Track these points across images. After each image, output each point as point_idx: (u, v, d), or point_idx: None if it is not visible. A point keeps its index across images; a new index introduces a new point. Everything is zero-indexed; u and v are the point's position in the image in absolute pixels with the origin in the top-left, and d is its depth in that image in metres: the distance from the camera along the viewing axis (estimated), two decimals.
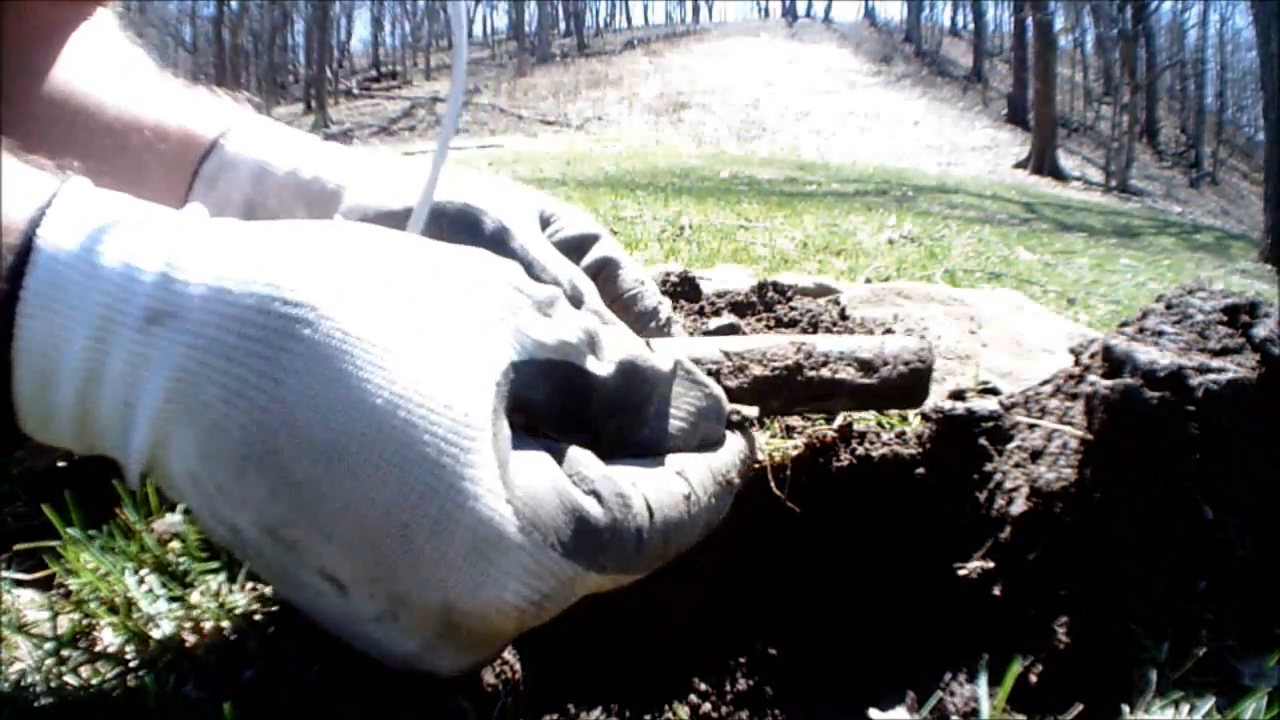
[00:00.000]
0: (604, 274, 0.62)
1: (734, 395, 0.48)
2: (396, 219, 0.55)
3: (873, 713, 0.42)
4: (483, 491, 0.34)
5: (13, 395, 0.34)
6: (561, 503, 0.36)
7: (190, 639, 0.44)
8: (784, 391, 0.49)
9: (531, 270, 0.56)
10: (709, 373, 0.49)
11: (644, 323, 0.62)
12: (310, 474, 0.33)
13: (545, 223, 0.62)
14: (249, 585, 0.47)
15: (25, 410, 0.34)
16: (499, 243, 0.56)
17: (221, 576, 0.48)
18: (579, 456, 0.38)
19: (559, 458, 0.37)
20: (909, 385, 0.51)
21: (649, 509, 0.39)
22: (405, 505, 0.33)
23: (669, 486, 0.40)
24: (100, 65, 0.63)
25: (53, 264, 0.33)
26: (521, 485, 0.35)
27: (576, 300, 0.56)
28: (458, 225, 0.56)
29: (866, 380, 0.50)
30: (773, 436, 0.61)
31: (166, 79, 0.64)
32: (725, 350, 0.50)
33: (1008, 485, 0.48)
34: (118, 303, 0.33)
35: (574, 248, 0.61)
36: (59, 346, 0.33)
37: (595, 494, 0.37)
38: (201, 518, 0.35)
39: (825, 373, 0.50)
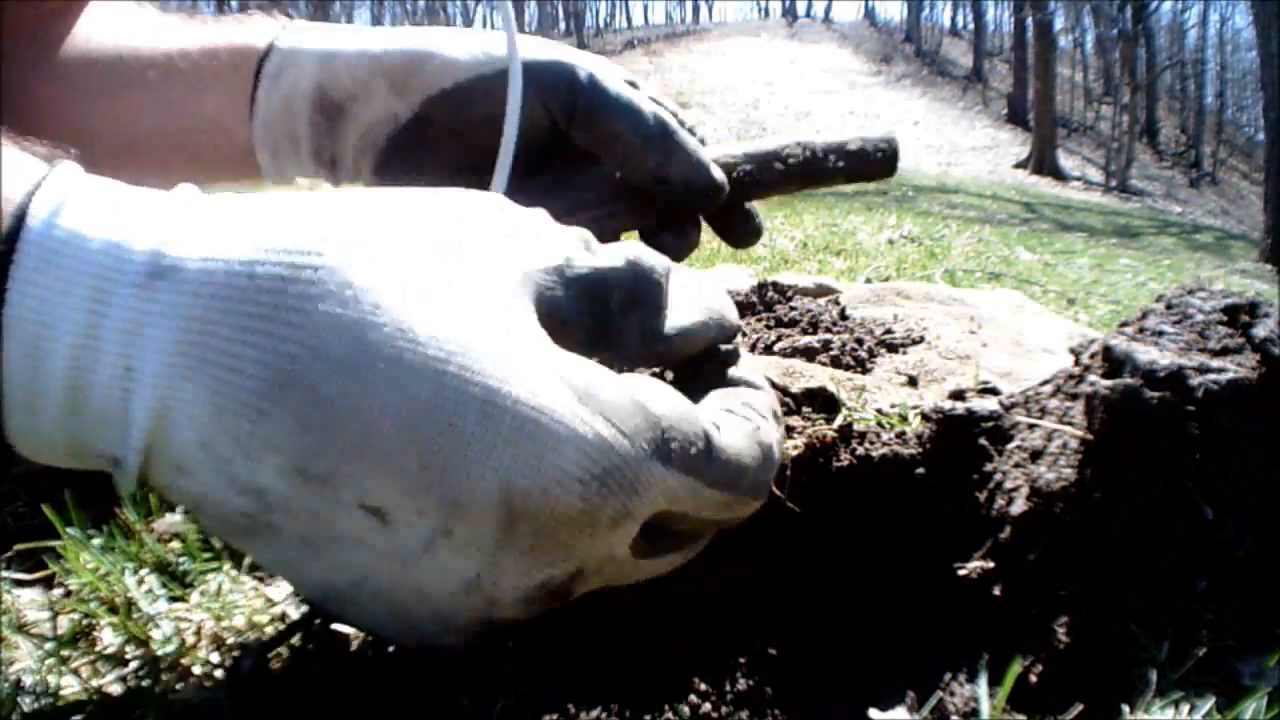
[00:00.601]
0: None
1: (760, 183, 0.69)
2: (487, 80, 0.55)
3: (873, 713, 0.42)
4: (530, 365, 0.32)
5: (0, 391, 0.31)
6: (619, 385, 0.34)
7: (190, 639, 0.44)
8: (796, 179, 0.71)
9: (632, 112, 0.58)
10: (734, 171, 0.66)
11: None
12: (341, 389, 0.31)
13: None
14: (249, 585, 0.47)
15: (13, 402, 0.31)
16: (594, 89, 0.57)
17: (221, 576, 0.48)
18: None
19: None
20: (886, 158, 0.72)
21: (715, 425, 0.37)
22: (447, 394, 0.31)
23: (730, 412, 0.40)
24: (123, 22, 0.61)
25: (44, 240, 0.31)
26: (571, 363, 0.34)
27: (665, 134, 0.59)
28: (558, 77, 0.56)
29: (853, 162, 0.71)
30: None
31: (195, 18, 0.63)
32: (747, 153, 0.70)
33: (1008, 485, 0.48)
34: (114, 267, 0.31)
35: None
36: (52, 313, 0.30)
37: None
38: (213, 504, 0.33)
39: (828, 163, 0.71)
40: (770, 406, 0.42)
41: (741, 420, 0.40)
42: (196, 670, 0.42)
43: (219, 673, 0.41)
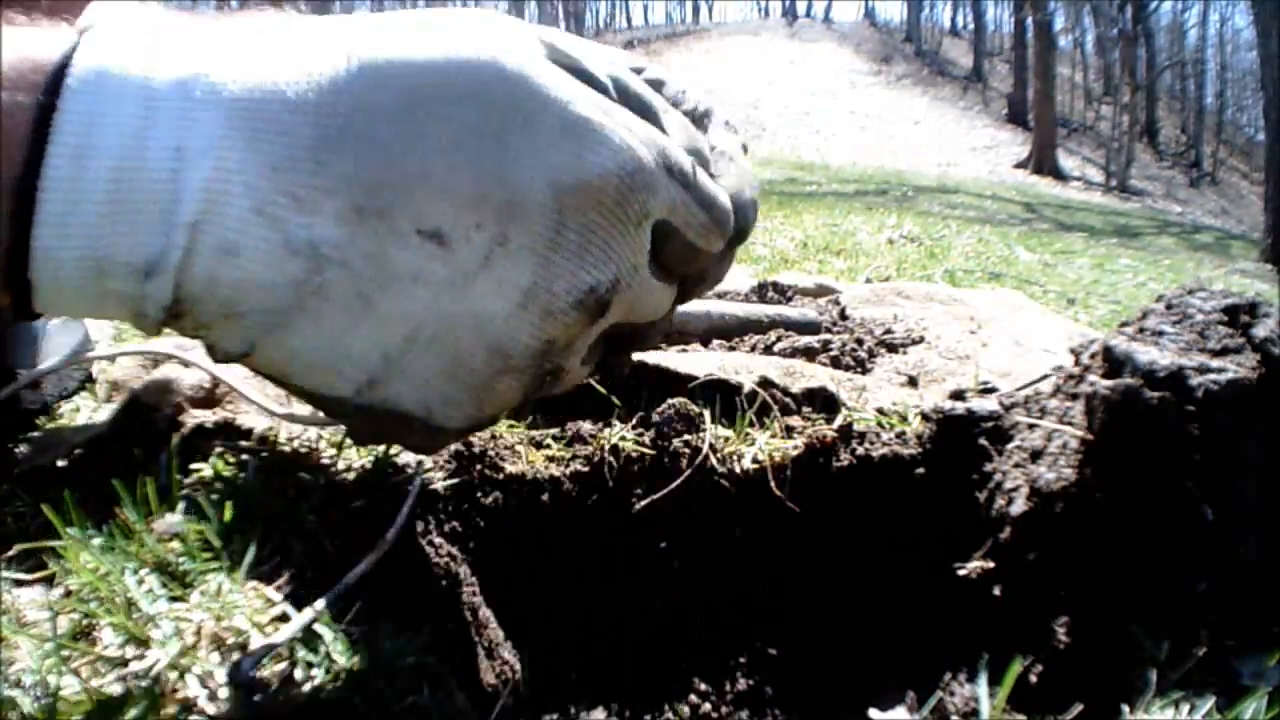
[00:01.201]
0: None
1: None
2: None
3: (873, 713, 0.42)
4: (559, 82, 0.36)
5: (35, 207, 0.31)
6: (630, 113, 0.39)
7: (190, 639, 0.44)
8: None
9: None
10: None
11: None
12: (393, 128, 0.33)
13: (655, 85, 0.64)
14: (249, 585, 0.47)
15: (49, 212, 0.31)
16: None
17: (221, 576, 0.48)
18: None
19: None
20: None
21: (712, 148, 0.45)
22: (494, 111, 0.34)
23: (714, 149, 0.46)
24: None
25: (92, 71, 0.32)
26: (591, 91, 0.38)
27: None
28: None
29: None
30: (773, 436, 0.61)
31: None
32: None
33: (1008, 485, 0.48)
34: (159, 85, 0.33)
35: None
36: (99, 118, 0.31)
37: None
38: (257, 285, 0.33)
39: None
40: (742, 157, 0.48)
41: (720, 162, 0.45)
42: (196, 670, 0.42)
43: (219, 673, 0.41)
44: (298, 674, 0.39)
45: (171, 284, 0.33)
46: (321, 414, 0.40)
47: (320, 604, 0.42)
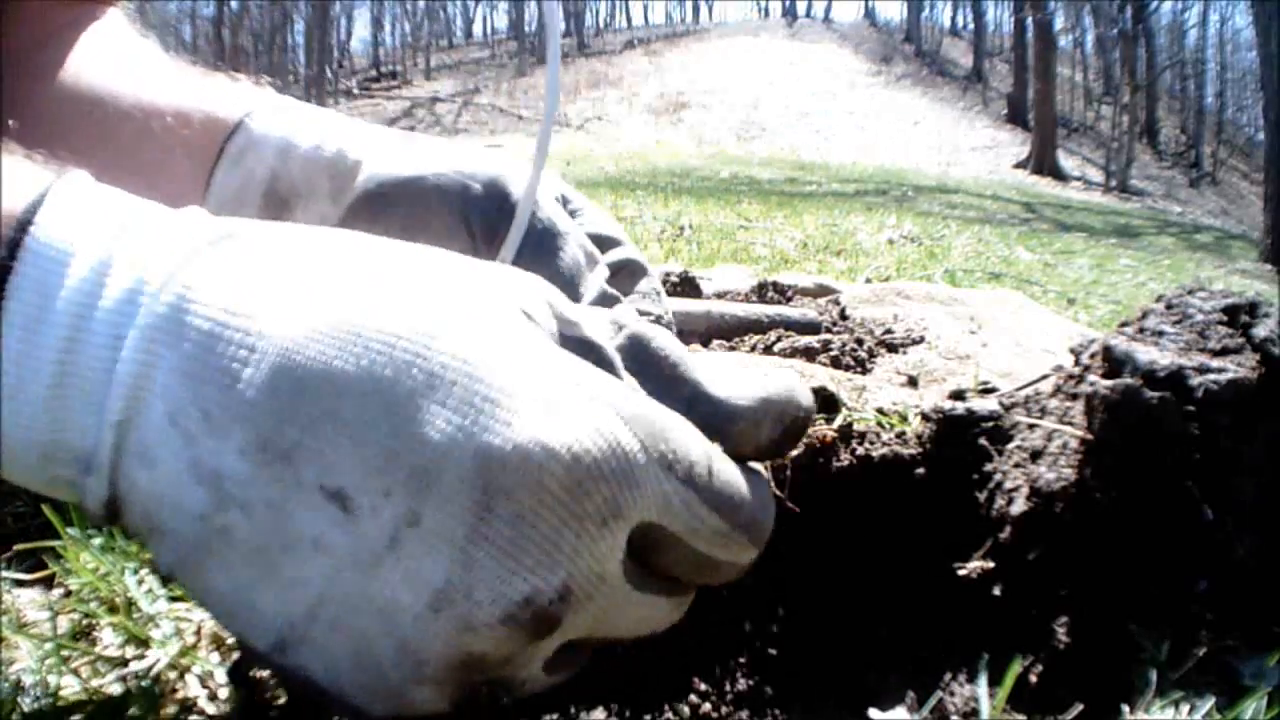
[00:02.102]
0: (622, 277, 0.61)
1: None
2: (406, 185, 0.56)
3: (873, 713, 0.42)
4: (525, 347, 0.31)
5: None
6: (624, 388, 0.33)
7: (190, 639, 0.44)
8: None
9: (554, 238, 0.56)
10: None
11: None
12: (317, 354, 0.30)
13: (562, 205, 0.62)
14: None
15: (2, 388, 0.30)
16: (504, 204, 0.57)
17: None
18: None
19: None
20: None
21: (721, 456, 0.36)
22: (429, 360, 0.30)
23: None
24: (114, 59, 0.63)
25: (45, 250, 0.31)
26: (574, 359, 0.33)
27: (591, 261, 0.57)
28: (489, 193, 0.57)
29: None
30: None
31: (184, 67, 0.64)
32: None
33: (1008, 485, 0.48)
34: (117, 247, 0.31)
35: (595, 244, 0.62)
36: (51, 291, 0.30)
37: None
38: (170, 505, 0.30)
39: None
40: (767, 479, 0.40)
41: (754, 478, 0.37)
42: (196, 670, 0.42)
43: (219, 673, 0.41)
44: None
45: (105, 482, 0.31)
46: None
47: None
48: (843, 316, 1.21)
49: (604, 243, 0.62)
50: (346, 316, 0.31)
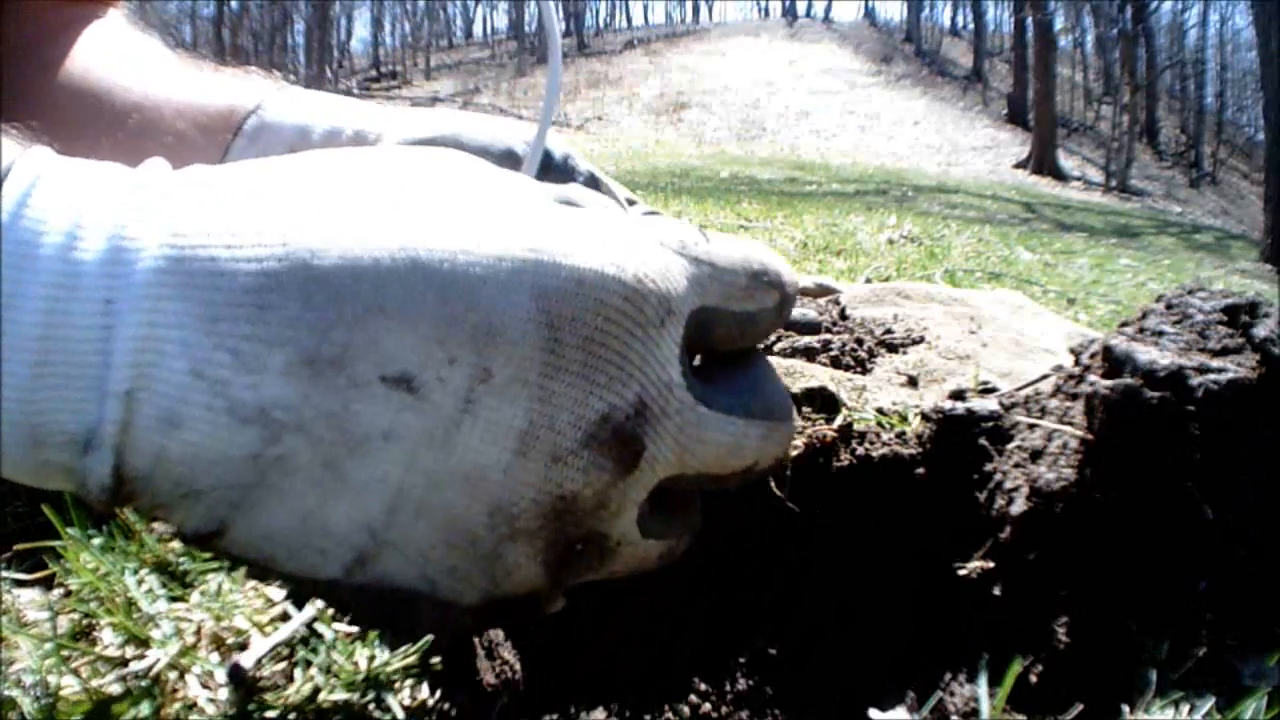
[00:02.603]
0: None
1: None
2: (426, 144, 0.56)
3: (873, 713, 0.42)
4: (533, 194, 0.33)
5: None
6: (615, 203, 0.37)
7: (190, 639, 0.44)
8: None
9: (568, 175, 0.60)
10: None
11: None
12: (341, 257, 0.28)
13: (562, 166, 0.63)
14: (249, 585, 0.47)
15: None
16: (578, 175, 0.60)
17: (221, 576, 0.48)
18: None
19: None
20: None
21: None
22: (452, 227, 0.29)
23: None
24: (121, 55, 0.63)
25: (13, 224, 0.28)
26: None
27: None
28: (504, 158, 0.58)
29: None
30: None
31: (195, 62, 0.64)
32: None
33: (1008, 485, 0.48)
34: (87, 212, 0.29)
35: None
36: (26, 261, 0.27)
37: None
38: (209, 461, 0.29)
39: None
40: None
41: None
42: (196, 670, 0.42)
43: (219, 673, 0.41)
44: (297, 674, 0.39)
45: (111, 460, 0.29)
46: None
47: (320, 603, 0.42)
48: (843, 316, 1.21)
49: (607, 193, 0.64)
50: (358, 215, 0.30)
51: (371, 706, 0.38)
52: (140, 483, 0.30)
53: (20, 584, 0.50)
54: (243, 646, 0.43)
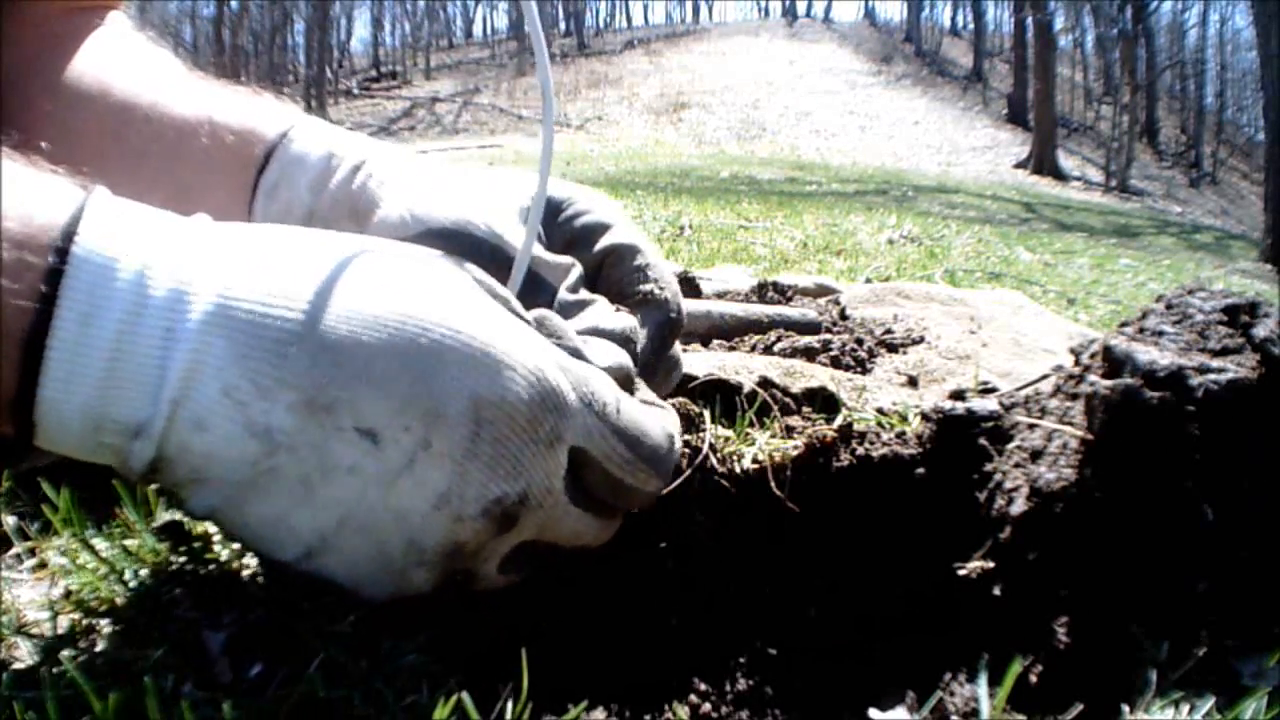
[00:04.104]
0: (610, 262, 0.60)
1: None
2: (415, 236, 0.54)
3: (873, 713, 0.42)
4: (495, 319, 0.42)
5: (41, 360, 0.36)
6: (553, 347, 0.45)
7: (191, 638, 0.44)
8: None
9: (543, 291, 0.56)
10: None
11: (657, 316, 0.58)
12: (350, 332, 0.39)
13: (557, 210, 0.61)
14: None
15: (54, 369, 0.36)
16: (497, 252, 0.54)
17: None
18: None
19: None
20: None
21: (627, 398, 0.48)
22: (435, 334, 0.40)
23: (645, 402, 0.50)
24: (140, 67, 0.62)
25: (90, 258, 0.36)
26: (523, 321, 0.44)
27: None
28: (490, 253, 0.54)
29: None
30: (773, 436, 0.61)
31: (209, 83, 0.63)
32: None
33: (1008, 485, 0.48)
34: (155, 254, 0.38)
35: (582, 237, 0.60)
36: (101, 293, 0.36)
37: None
38: (221, 457, 0.38)
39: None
40: (674, 415, 0.52)
41: (654, 407, 0.50)
42: (196, 670, 0.41)
43: (219, 673, 0.41)
44: (297, 674, 0.39)
45: (154, 446, 0.38)
46: None
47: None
48: (843, 316, 1.21)
49: (594, 230, 0.60)
50: (367, 303, 0.40)
51: (371, 707, 0.38)
52: (168, 466, 0.39)
53: (20, 584, 0.50)
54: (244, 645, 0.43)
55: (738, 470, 0.58)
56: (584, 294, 0.56)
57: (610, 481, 0.46)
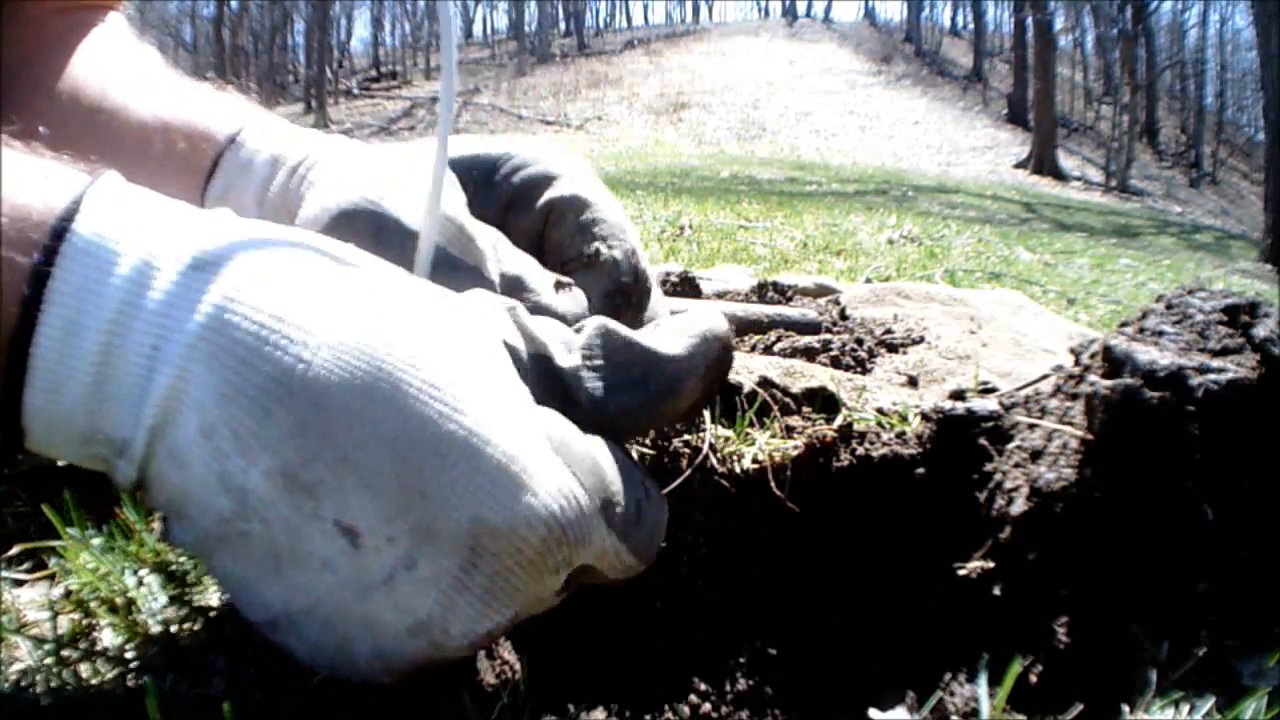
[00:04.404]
0: (551, 221, 0.53)
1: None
2: (329, 224, 0.49)
3: (873, 713, 0.42)
4: (514, 412, 0.35)
5: (26, 367, 0.33)
6: (583, 441, 0.37)
7: (190, 639, 0.44)
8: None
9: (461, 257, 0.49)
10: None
11: (603, 283, 0.52)
12: (343, 403, 0.33)
13: (493, 169, 0.55)
14: None
15: (39, 379, 0.33)
16: (401, 228, 0.49)
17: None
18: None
19: None
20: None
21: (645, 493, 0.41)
22: (439, 426, 0.33)
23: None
24: (113, 66, 0.62)
25: (87, 237, 0.33)
26: (546, 415, 0.37)
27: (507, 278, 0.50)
28: (357, 225, 0.49)
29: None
30: (773, 436, 0.61)
31: (175, 81, 0.62)
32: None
33: (1008, 485, 0.48)
34: (152, 264, 0.33)
35: (522, 195, 0.55)
36: (91, 296, 0.32)
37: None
38: (195, 502, 0.34)
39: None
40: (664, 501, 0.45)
41: (658, 499, 0.42)
42: (196, 670, 0.42)
43: (219, 673, 0.41)
44: (298, 674, 0.39)
45: (136, 469, 0.34)
46: None
47: None
48: (843, 316, 1.21)
49: (536, 184, 0.54)
50: (370, 358, 0.34)
51: (371, 706, 0.38)
52: (148, 491, 0.35)
53: (20, 584, 0.50)
54: (244, 645, 0.43)
55: (738, 470, 0.58)
56: (510, 268, 0.49)
57: (597, 578, 0.40)
